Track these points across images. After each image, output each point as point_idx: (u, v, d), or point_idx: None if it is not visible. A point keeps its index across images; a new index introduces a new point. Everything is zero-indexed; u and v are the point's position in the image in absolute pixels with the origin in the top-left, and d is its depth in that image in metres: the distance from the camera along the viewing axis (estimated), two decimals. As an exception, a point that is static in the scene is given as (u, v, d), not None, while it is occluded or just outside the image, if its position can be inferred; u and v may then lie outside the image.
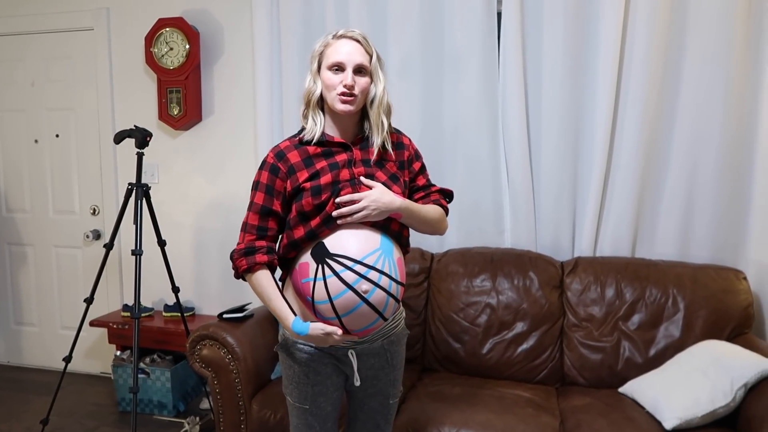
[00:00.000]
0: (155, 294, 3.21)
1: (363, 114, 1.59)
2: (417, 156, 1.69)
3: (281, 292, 1.54)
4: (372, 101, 1.55)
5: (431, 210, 1.65)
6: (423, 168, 1.71)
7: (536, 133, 2.62)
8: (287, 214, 1.54)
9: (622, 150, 2.51)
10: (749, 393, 1.90)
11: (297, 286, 1.52)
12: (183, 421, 2.83)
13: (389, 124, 1.59)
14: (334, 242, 1.47)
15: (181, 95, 3.02)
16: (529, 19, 2.56)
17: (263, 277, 1.52)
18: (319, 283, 1.44)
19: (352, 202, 1.47)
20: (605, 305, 2.40)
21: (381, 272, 1.44)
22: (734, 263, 2.47)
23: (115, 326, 2.99)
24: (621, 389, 2.23)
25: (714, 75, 2.39)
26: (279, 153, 1.55)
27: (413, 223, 1.60)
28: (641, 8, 2.40)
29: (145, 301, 3.21)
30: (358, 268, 1.43)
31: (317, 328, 1.45)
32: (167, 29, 2.99)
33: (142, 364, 2.94)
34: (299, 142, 1.57)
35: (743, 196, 2.44)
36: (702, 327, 2.28)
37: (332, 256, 1.44)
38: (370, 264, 1.44)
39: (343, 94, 1.50)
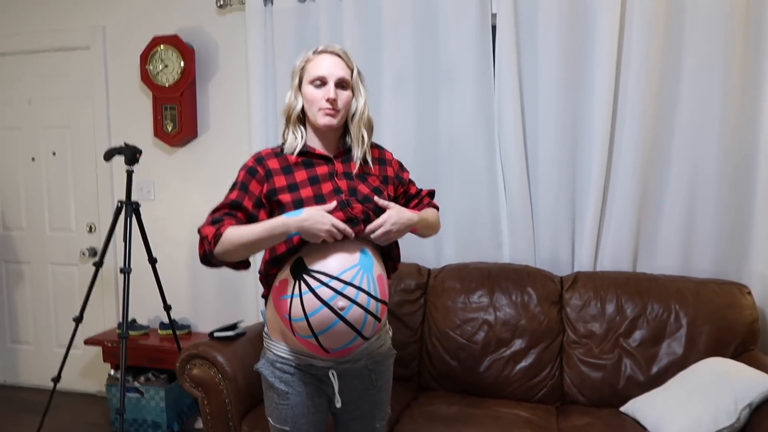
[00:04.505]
0: (151, 311, 3.17)
1: (345, 129, 1.58)
2: (402, 168, 1.71)
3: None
4: (353, 115, 1.55)
5: (432, 214, 1.72)
6: (409, 177, 1.74)
7: (533, 144, 2.58)
8: (255, 217, 1.50)
9: (621, 161, 2.46)
10: (754, 413, 1.82)
11: (276, 304, 1.48)
12: (177, 441, 2.78)
13: (370, 138, 1.58)
14: (313, 257, 1.43)
15: (177, 112, 3.01)
16: (523, 31, 2.53)
17: (234, 228, 1.45)
18: (296, 300, 1.41)
19: (376, 228, 1.48)
20: (606, 321, 2.34)
21: (359, 288, 1.41)
22: (738, 277, 2.40)
23: (109, 344, 2.95)
24: (622, 408, 2.16)
25: (712, 83, 2.35)
26: (259, 158, 1.56)
27: (424, 232, 1.66)
28: (637, 17, 2.36)
29: (141, 319, 3.18)
30: (334, 284, 1.39)
31: (315, 212, 1.40)
32: (162, 47, 2.99)
33: (136, 383, 2.89)
34: (280, 151, 1.56)
35: (746, 208, 2.38)
36: (705, 344, 2.21)
37: (309, 272, 1.41)
38: (347, 280, 1.40)
39: (325, 108, 1.48)
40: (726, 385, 1.87)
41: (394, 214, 1.49)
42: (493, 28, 2.57)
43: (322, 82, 1.50)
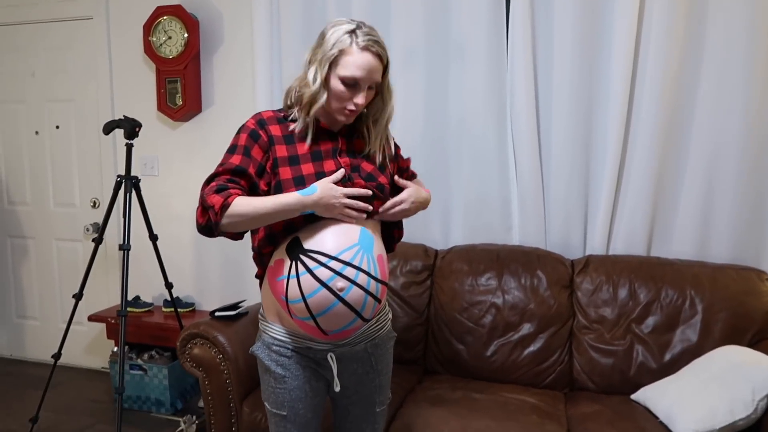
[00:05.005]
0: (155, 288, 3.14)
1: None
2: (396, 144, 1.65)
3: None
4: (377, 119, 1.48)
5: (422, 185, 1.69)
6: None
7: (546, 124, 2.49)
8: (257, 186, 1.41)
9: (638, 141, 2.37)
10: (772, 404, 1.76)
11: (272, 285, 1.42)
12: (179, 419, 2.76)
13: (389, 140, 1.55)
14: (310, 236, 1.37)
15: (180, 85, 2.94)
16: (539, 5, 2.43)
17: (243, 198, 1.35)
18: (293, 281, 1.35)
19: (395, 205, 1.48)
20: (618, 306, 2.27)
21: (358, 269, 1.35)
22: (756, 263, 2.32)
23: (112, 321, 2.93)
24: (633, 396, 2.10)
25: (736, 61, 2.23)
26: (261, 121, 1.44)
27: (424, 208, 1.64)
28: (659, -9, 2.25)
29: (145, 296, 3.16)
30: (333, 264, 1.33)
31: (326, 186, 1.35)
32: (165, 17, 2.92)
33: (139, 361, 2.88)
34: (283, 117, 1.47)
35: (766, 192, 2.29)
36: (721, 331, 2.14)
37: (306, 252, 1.35)
38: (347, 260, 1.34)
39: (349, 109, 1.40)
40: (743, 374, 1.80)
41: (414, 192, 1.51)
42: (507, 1, 2.47)
43: (354, 83, 1.38)
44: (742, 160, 2.29)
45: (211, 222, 1.35)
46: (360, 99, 1.39)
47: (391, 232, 1.61)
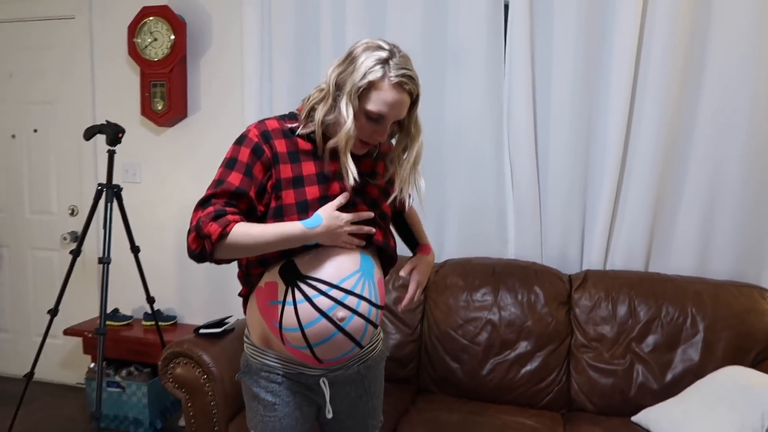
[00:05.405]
0: (135, 300, 3.01)
1: None
2: None
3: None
4: (402, 158, 1.36)
5: (418, 219, 1.64)
6: None
7: (544, 133, 2.43)
8: (256, 209, 1.29)
9: (638, 153, 2.32)
10: (781, 430, 1.70)
11: (262, 308, 1.32)
12: (159, 439, 2.64)
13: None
14: (309, 262, 1.28)
15: (166, 89, 2.84)
16: (538, 10, 2.37)
17: (242, 225, 1.23)
18: (289, 308, 1.25)
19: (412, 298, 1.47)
20: (617, 324, 2.20)
21: (360, 297, 1.26)
22: (756, 280, 2.28)
23: (89, 335, 2.79)
24: (634, 418, 2.04)
25: (740, 72, 2.20)
26: (265, 133, 1.30)
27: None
28: (660, 2, 2.20)
29: (124, 308, 3.03)
30: (333, 293, 1.24)
31: (330, 215, 1.25)
32: (151, 18, 2.81)
33: (117, 378, 2.74)
34: (290, 131, 1.33)
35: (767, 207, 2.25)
36: (723, 350, 2.08)
37: (304, 279, 1.25)
38: (348, 288, 1.25)
39: (368, 142, 1.31)
40: (751, 397, 1.74)
41: (423, 273, 1.51)
42: (506, 8, 2.41)
43: (379, 118, 1.27)
44: (742, 176, 2.25)
45: (205, 251, 1.24)
46: (382, 137, 1.29)
47: (390, 255, 1.49)
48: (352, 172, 1.26)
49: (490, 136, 2.47)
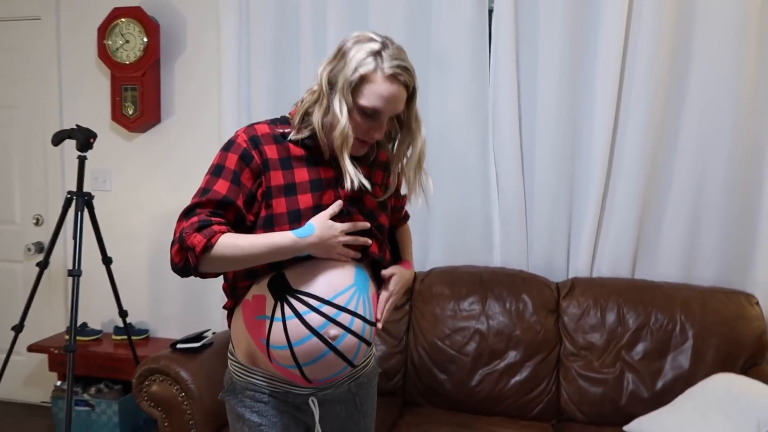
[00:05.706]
0: (105, 314, 2.87)
1: None
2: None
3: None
4: (406, 156, 1.28)
5: (409, 239, 1.57)
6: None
7: (530, 141, 2.40)
8: (244, 218, 1.21)
9: (623, 160, 2.30)
10: (777, 437, 1.68)
11: (248, 323, 1.24)
12: (131, 460, 2.50)
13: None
14: (300, 275, 1.20)
15: (138, 93, 2.72)
16: (523, 16, 2.34)
17: (229, 236, 1.16)
18: (277, 324, 1.17)
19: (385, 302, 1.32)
20: (606, 332, 2.17)
21: (354, 314, 1.19)
22: (742, 285, 2.27)
23: (56, 352, 2.64)
24: (626, 427, 2.00)
25: (723, 80, 2.20)
26: (254, 138, 1.22)
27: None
28: (646, 5, 2.20)
29: (93, 322, 2.88)
30: (326, 309, 1.17)
31: (324, 224, 1.17)
32: (123, 20, 2.70)
33: (86, 395, 2.60)
34: (281, 135, 1.25)
35: (753, 213, 2.25)
36: (713, 357, 2.07)
37: (294, 293, 1.17)
38: (341, 305, 1.18)
39: (365, 141, 1.23)
40: (746, 405, 1.72)
41: (400, 279, 1.34)
42: (490, 12, 2.38)
43: (374, 113, 1.19)
44: (728, 182, 2.26)
45: (189, 264, 1.16)
46: (379, 134, 1.21)
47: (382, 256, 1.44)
48: (351, 175, 1.18)
49: (474, 142, 2.43)
